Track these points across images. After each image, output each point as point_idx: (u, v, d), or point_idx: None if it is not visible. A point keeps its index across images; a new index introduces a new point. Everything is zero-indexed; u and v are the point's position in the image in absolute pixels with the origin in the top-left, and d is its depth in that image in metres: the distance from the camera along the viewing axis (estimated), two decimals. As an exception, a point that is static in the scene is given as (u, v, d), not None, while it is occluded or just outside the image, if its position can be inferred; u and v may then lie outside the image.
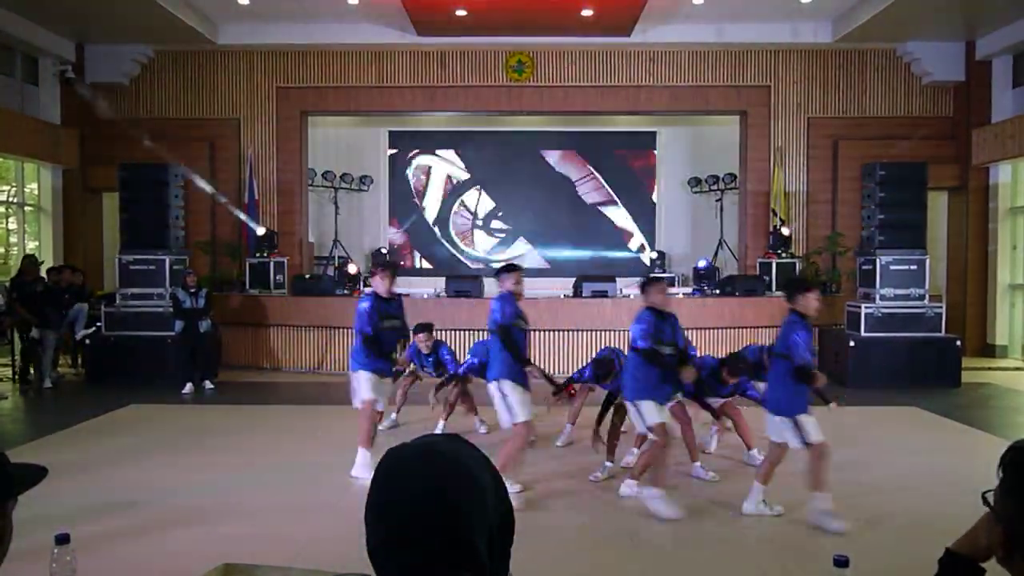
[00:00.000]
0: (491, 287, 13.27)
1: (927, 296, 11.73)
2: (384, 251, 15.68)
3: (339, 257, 15.05)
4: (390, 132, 16.31)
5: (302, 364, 12.25)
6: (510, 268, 6.13)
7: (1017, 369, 12.69)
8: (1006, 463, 1.60)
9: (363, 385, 6.54)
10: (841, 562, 2.16)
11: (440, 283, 13.30)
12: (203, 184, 13.48)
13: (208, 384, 10.87)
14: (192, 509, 5.70)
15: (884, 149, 13.54)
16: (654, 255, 15.38)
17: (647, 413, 5.71)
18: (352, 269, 13.61)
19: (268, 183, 14.47)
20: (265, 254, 13.07)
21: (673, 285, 13.52)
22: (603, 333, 11.51)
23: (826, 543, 4.89)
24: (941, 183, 13.72)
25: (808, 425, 5.37)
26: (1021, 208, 13.81)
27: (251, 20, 13.71)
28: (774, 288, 12.68)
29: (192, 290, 10.84)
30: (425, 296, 12.50)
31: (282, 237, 14.00)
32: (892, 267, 11.72)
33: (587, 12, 12.39)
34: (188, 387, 10.65)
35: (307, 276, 13.21)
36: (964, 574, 1.74)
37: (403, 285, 13.70)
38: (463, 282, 12.93)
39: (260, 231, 13.58)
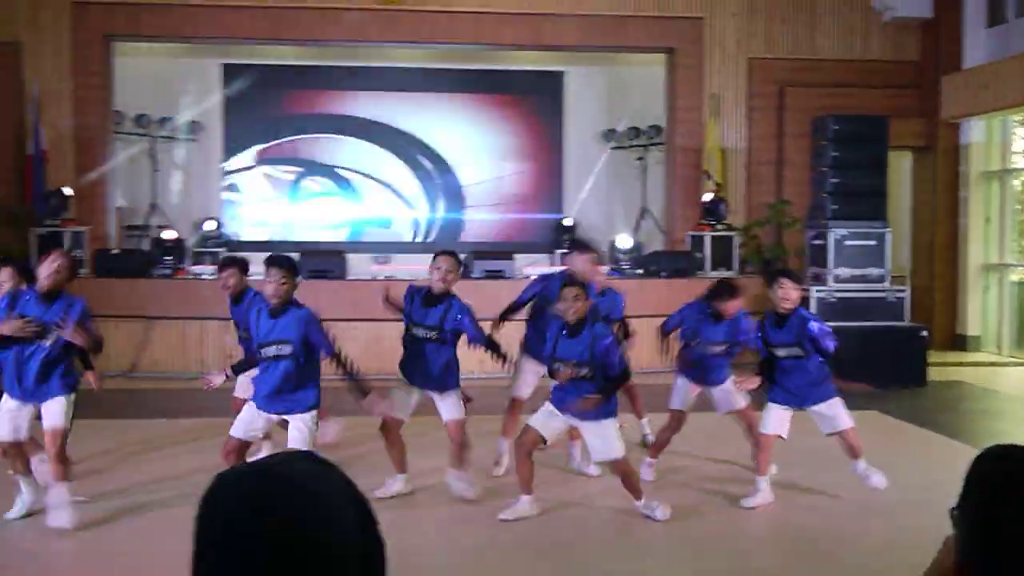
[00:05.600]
0: (358, 265, 12.00)
1: (889, 277, 11.01)
2: (215, 221, 12.80)
3: (158, 227, 12.33)
4: (225, 65, 13.31)
5: (108, 366, 9.53)
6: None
7: (991, 364, 11.61)
8: (967, 478, 1.63)
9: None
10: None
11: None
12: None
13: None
14: None
15: (839, 99, 12.10)
16: (568, 222, 13.43)
17: None
18: (170, 235, 11.29)
19: (60, 129, 11.62)
20: (58, 222, 10.76)
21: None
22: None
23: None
24: (904, 142, 12.47)
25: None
26: (996, 173, 12.52)
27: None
28: (708, 267, 11.61)
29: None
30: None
31: (81, 200, 11.39)
32: (848, 242, 11.04)
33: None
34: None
35: (115, 251, 11.26)
36: None
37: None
38: (320, 259, 11.07)
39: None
